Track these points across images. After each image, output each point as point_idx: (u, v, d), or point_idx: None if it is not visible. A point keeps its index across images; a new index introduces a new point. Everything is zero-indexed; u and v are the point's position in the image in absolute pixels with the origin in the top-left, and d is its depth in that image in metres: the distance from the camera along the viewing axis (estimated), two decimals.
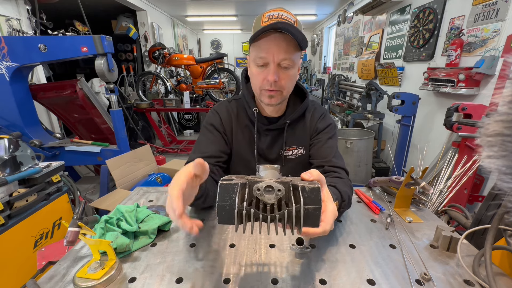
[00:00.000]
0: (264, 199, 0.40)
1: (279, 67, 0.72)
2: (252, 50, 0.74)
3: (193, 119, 5.33)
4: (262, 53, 0.70)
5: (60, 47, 1.85)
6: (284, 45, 0.69)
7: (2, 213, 1.21)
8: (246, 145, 0.88)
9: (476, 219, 0.82)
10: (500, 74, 1.72)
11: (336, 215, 0.46)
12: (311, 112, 0.90)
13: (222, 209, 0.39)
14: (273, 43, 0.68)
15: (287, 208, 0.39)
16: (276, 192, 0.39)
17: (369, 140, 2.62)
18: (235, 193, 0.39)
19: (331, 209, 0.45)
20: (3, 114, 1.96)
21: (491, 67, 1.78)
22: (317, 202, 0.39)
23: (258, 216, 0.39)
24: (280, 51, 0.69)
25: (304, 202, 0.39)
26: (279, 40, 0.68)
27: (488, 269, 0.50)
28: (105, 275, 0.53)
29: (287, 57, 0.70)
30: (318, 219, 0.40)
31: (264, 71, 0.73)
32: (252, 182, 0.41)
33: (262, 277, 0.55)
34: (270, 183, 0.39)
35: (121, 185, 1.83)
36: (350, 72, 4.82)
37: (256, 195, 0.40)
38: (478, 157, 0.36)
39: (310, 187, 0.39)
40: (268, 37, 0.69)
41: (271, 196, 0.39)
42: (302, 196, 0.39)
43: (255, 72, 0.75)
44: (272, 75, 0.70)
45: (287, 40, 0.68)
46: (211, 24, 7.46)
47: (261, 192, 0.39)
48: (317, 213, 0.39)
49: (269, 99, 0.77)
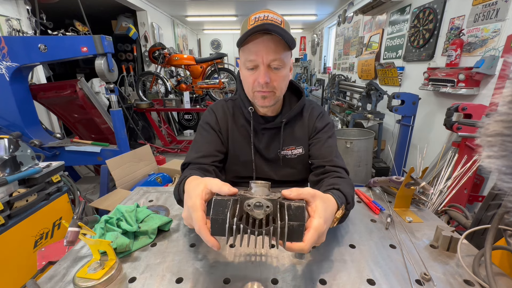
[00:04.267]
0: (253, 214, 0.43)
1: (269, 68, 0.71)
2: (242, 54, 0.74)
3: (193, 119, 5.33)
4: (251, 56, 0.70)
5: (60, 47, 1.85)
6: (272, 46, 0.68)
7: (2, 213, 1.21)
8: (243, 144, 0.88)
9: (476, 219, 0.82)
10: (500, 74, 1.72)
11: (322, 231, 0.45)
12: (309, 111, 0.90)
13: (215, 222, 0.43)
14: (261, 45, 0.68)
15: (273, 224, 0.43)
16: (265, 208, 0.43)
17: (369, 140, 2.62)
18: (227, 208, 0.43)
19: (315, 225, 0.45)
20: (3, 114, 1.96)
21: (491, 67, 1.78)
22: (301, 219, 0.42)
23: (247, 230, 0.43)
24: (269, 52, 0.69)
25: (288, 219, 0.42)
26: (267, 42, 0.68)
27: (488, 269, 0.50)
28: (105, 275, 0.53)
29: (276, 57, 0.70)
30: (302, 234, 0.43)
31: (255, 73, 0.73)
32: (244, 198, 0.45)
33: (262, 277, 0.55)
34: (259, 199, 0.43)
35: (121, 185, 1.83)
36: (350, 72, 4.82)
37: (247, 211, 0.43)
38: (478, 157, 0.36)
39: (296, 205, 0.43)
40: (256, 40, 0.69)
41: (260, 212, 0.43)
42: (287, 213, 0.42)
43: (246, 75, 0.75)
44: (263, 77, 0.70)
45: (275, 40, 0.68)
46: (211, 24, 7.46)
47: (251, 208, 0.43)
48: (301, 229, 0.43)
49: (263, 101, 0.77)
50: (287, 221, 0.42)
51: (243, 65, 0.75)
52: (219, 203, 0.43)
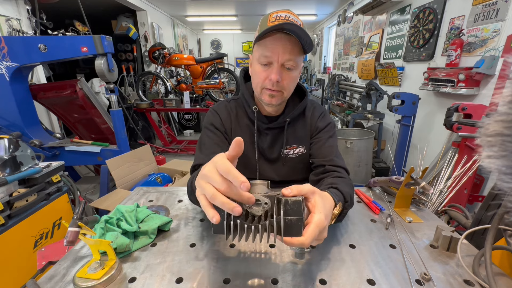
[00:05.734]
0: (252, 211, 0.44)
1: (282, 67, 0.72)
2: (257, 48, 0.74)
3: (193, 119, 5.33)
4: (267, 52, 0.71)
5: (60, 47, 1.85)
6: (289, 46, 0.69)
7: (2, 213, 1.21)
8: (247, 144, 0.88)
9: (476, 219, 0.82)
10: (500, 74, 1.72)
11: (323, 226, 0.46)
12: (311, 110, 0.90)
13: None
14: (279, 43, 0.69)
15: (270, 219, 0.44)
16: (263, 205, 0.43)
17: (369, 140, 2.62)
18: None
19: (316, 220, 0.45)
20: (3, 114, 1.96)
21: (491, 67, 1.78)
22: (299, 213, 0.43)
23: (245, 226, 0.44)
24: (285, 52, 0.70)
25: (286, 214, 0.43)
26: (285, 41, 0.69)
27: (488, 269, 0.50)
28: (105, 275, 0.53)
29: (291, 58, 0.70)
30: (301, 229, 0.43)
31: (268, 70, 0.73)
32: None
33: (262, 277, 0.55)
34: (257, 197, 0.43)
35: (121, 185, 1.83)
36: (350, 72, 4.82)
37: (246, 208, 0.44)
38: (478, 157, 0.36)
39: (293, 200, 0.44)
40: (274, 37, 0.69)
41: (259, 209, 0.43)
42: (284, 208, 0.43)
43: (258, 70, 0.75)
44: (275, 75, 0.71)
45: (292, 42, 0.69)
46: (211, 24, 7.46)
47: (249, 205, 0.43)
48: (300, 224, 0.43)
49: (270, 99, 0.77)
50: (284, 216, 0.43)
51: (256, 60, 0.75)
52: None
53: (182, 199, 0.91)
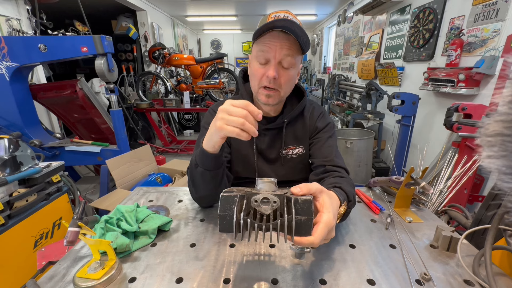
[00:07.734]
0: (260, 209, 0.43)
1: (279, 65, 0.72)
2: (255, 46, 0.75)
3: (193, 119, 5.33)
4: (265, 48, 0.71)
5: (60, 47, 1.85)
6: (287, 44, 0.70)
7: (2, 213, 1.21)
8: (245, 145, 0.88)
9: (476, 219, 0.82)
10: (500, 74, 1.72)
11: (332, 225, 0.46)
12: (310, 111, 0.90)
13: (223, 219, 0.43)
14: (276, 40, 0.70)
15: (280, 218, 0.42)
16: (272, 203, 0.43)
17: (369, 140, 2.62)
18: (234, 204, 0.42)
19: (325, 219, 0.45)
20: (3, 114, 1.96)
21: (491, 67, 1.78)
22: (309, 213, 0.42)
23: (255, 225, 0.43)
24: (283, 49, 0.70)
25: (296, 213, 0.42)
26: (282, 39, 0.69)
27: (488, 269, 0.50)
28: (105, 275, 0.53)
29: (289, 54, 0.70)
30: (310, 228, 0.42)
31: (265, 68, 0.73)
32: (251, 194, 0.44)
33: (262, 277, 0.55)
34: (266, 195, 0.43)
35: (121, 185, 1.83)
36: (350, 72, 4.82)
37: (254, 206, 0.43)
38: (478, 157, 0.36)
39: (303, 199, 0.43)
40: (272, 34, 0.70)
41: (267, 207, 0.43)
42: (295, 207, 0.42)
43: (256, 68, 0.75)
44: (273, 71, 0.71)
45: (290, 40, 0.70)
46: (211, 24, 7.46)
47: (258, 204, 0.43)
48: (309, 223, 0.42)
49: (267, 99, 0.77)
50: (295, 215, 0.41)
51: (254, 58, 0.76)
52: (226, 199, 0.43)
53: (182, 199, 0.91)
